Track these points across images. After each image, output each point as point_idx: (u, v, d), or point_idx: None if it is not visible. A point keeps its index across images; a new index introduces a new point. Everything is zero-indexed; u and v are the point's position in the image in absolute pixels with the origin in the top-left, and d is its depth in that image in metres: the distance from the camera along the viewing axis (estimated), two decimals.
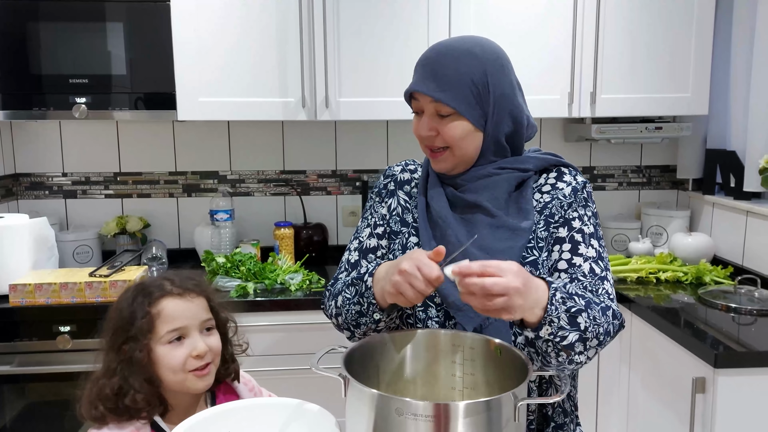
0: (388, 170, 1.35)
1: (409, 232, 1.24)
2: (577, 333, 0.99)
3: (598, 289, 1.12)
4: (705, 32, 2.33)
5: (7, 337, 1.99)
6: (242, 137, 2.64)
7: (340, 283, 1.22)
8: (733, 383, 1.63)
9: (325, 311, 1.26)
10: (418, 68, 1.17)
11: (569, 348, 0.99)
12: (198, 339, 1.09)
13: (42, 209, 2.58)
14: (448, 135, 1.15)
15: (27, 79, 2.16)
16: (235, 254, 2.26)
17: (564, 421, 1.18)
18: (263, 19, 2.22)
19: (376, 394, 0.85)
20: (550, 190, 1.21)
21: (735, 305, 1.96)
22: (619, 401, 2.19)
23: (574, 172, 1.25)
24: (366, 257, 1.27)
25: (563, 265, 1.14)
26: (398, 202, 1.28)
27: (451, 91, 1.13)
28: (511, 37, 2.29)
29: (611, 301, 1.12)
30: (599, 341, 1.04)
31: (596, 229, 1.19)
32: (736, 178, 2.37)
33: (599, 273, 1.14)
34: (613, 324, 1.08)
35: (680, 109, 2.38)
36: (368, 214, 1.32)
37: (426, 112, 1.16)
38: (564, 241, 1.16)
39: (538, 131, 2.71)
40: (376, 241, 1.27)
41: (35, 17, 2.14)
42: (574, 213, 1.18)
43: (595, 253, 1.15)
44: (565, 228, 1.17)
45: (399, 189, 1.30)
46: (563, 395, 0.87)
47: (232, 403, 1.03)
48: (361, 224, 1.32)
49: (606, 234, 2.67)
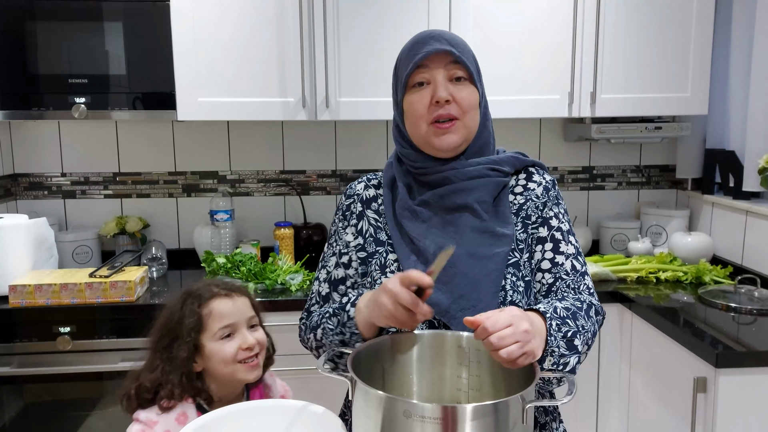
0: (350, 189, 1.29)
1: (386, 250, 1.20)
2: (576, 356, 1.02)
3: (580, 285, 1.16)
4: (704, 32, 2.34)
5: (7, 339, 1.99)
6: (242, 137, 2.64)
7: (316, 316, 1.19)
8: (735, 383, 1.64)
9: (303, 344, 1.24)
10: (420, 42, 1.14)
11: (571, 372, 1.01)
12: (246, 334, 1.18)
13: (41, 209, 2.57)
14: (465, 101, 1.13)
15: (26, 79, 2.15)
16: (236, 254, 2.26)
17: (546, 420, 1.18)
18: (263, 19, 2.22)
19: (384, 396, 0.85)
20: (523, 191, 1.21)
21: (735, 305, 1.97)
22: (620, 401, 2.20)
23: (542, 171, 1.25)
24: (337, 289, 1.23)
25: (546, 264, 1.16)
26: (369, 223, 1.23)
27: (465, 55, 1.14)
28: (511, 37, 2.29)
29: (591, 295, 1.16)
30: (589, 346, 1.08)
31: (570, 225, 1.22)
32: (736, 177, 2.38)
33: (580, 269, 1.17)
34: (597, 321, 1.13)
35: (680, 108, 2.38)
36: (333, 240, 1.27)
37: (438, 78, 1.12)
38: (546, 241, 1.18)
39: (538, 130, 2.72)
40: (344, 271, 1.23)
41: (35, 17, 2.13)
42: (550, 212, 1.20)
43: (573, 250, 1.18)
44: (545, 227, 1.19)
45: (367, 208, 1.25)
46: (572, 398, 0.87)
47: (238, 405, 1.03)
48: (327, 251, 1.27)
49: (605, 233, 2.67)
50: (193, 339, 1.15)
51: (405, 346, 1.04)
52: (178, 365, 1.14)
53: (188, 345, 1.15)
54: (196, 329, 1.16)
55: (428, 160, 1.18)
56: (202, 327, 1.16)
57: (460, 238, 1.13)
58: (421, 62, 1.13)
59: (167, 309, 1.21)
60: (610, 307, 2.17)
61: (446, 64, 1.13)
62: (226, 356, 1.15)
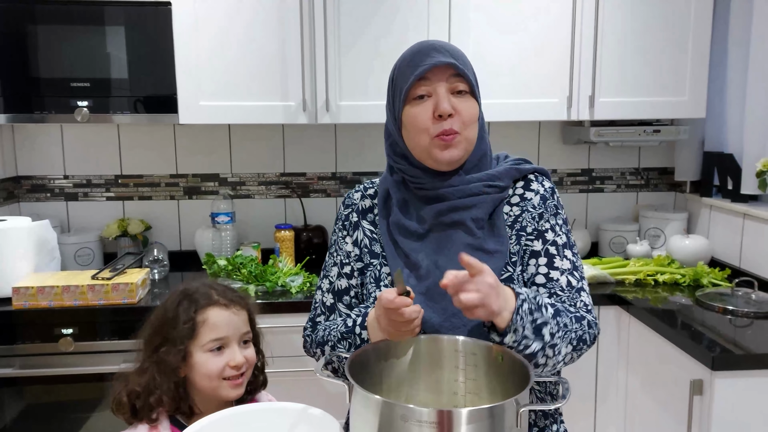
0: (348, 198, 1.29)
1: (380, 263, 1.20)
2: (540, 343, 1.01)
3: (576, 302, 1.13)
4: (702, 36, 2.35)
5: (10, 340, 2.01)
6: (243, 140, 2.65)
7: (322, 331, 1.20)
8: (731, 385, 1.65)
9: (309, 356, 1.24)
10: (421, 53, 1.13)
11: (531, 357, 1.01)
12: (237, 351, 1.13)
13: (43, 212, 2.59)
14: (467, 114, 1.12)
15: (28, 83, 2.17)
16: (236, 257, 2.28)
17: (545, 424, 1.19)
18: (264, 23, 2.23)
19: (381, 400, 0.86)
20: (519, 201, 1.19)
21: (732, 307, 1.98)
22: (617, 403, 2.21)
23: (541, 178, 1.22)
24: (341, 300, 1.24)
25: (541, 279, 1.15)
26: (364, 234, 1.24)
27: (466, 68, 1.13)
28: (511, 41, 2.31)
29: (588, 312, 1.14)
30: (573, 346, 1.07)
31: (568, 237, 1.19)
32: (734, 180, 2.39)
33: (576, 285, 1.15)
34: (589, 333, 1.10)
35: (678, 112, 2.39)
36: (334, 249, 1.27)
37: (440, 91, 1.11)
38: (539, 255, 1.15)
39: (537, 133, 2.73)
40: (346, 282, 1.23)
41: (37, 20, 2.14)
42: (547, 224, 1.17)
43: (569, 265, 1.16)
44: (540, 241, 1.16)
45: (362, 219, 1.25)
46: (566, 401, 0.88)
47: (237, 408, 1.05)
48: (328, 261, 1.27)
49: (604, 236, 2.68)
50: (185, 346, 1.11)
51: (402, 350, 1.06)
52: (168, 372, 1.10)
53: (180, 352, 1.11)
54: (188, 336, 1.12)
55: (426, 175, 1.17)
56: (194, 334, 1.12)
57: (453, 254, 1.12)
58: (423, 74, 1.12)
59: (162, 306, 1.17)
60: (608, 310, 2.19)
61: (448, 77, 1.12)
62: (211, 371, 1.11)
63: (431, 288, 1.11)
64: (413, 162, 1.18)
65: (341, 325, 1.16)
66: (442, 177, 1.16)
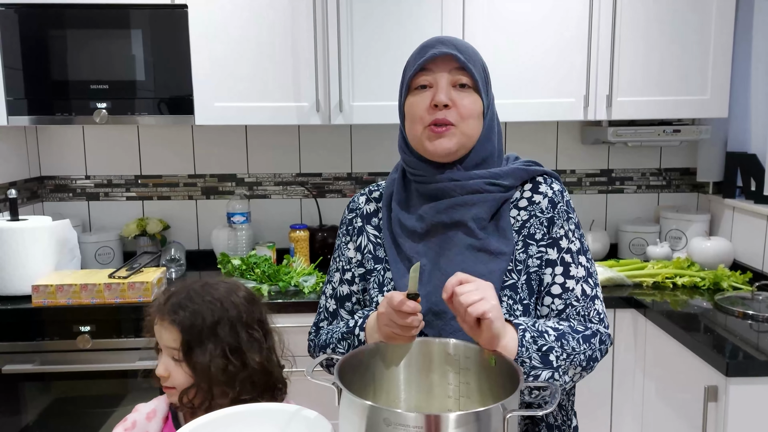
0: (352, 203, 1.29)
1: (384, 267, 1.20)
2: (549, 371, 1.01)
3: (590, 311, 1.12)
4: (725, 32, 2.29)
5: (30, 337, 2.06)
6: (259, 140, 2.68)
7: (324, 335, 1.21)
8: (745, 392, 1.60)
9: (312, 357, 1.24)
10: (428, 46, 1.13)
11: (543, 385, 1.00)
12: (161, 362, 1.16)
13: (65, 211, 2.65)
14: (465, 108, 1.11)
15: (51, 85, 2.22)
16: (251, 256, 2.30)
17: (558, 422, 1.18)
18: (277, 24, 2.25)
19: (367, 404, 0.86)
20: (527, 205, 1.17)
21: (752, 312, 1.92)
22: (633, 408, 2.17)
23: (549, 180, 1.19)
24: (343, 306, 1.25)
25: (557, 289, 1.13)
26: (368, 239, 1.23)
27: (472, 63, 1.12)
28: (526, 40, 2.28)
29: (601, 321, 1.12)
30: (583, 367, 1.06)
31: (581, 242, 1.17)
32: (757, 181, 2.33)
33: (590, 293, 1.13)
34: (600, 350, 1.09)
35: (699, 111, 2.34)
36: (337, 254, 1.27)
37: (440, 82, 1.11)
38: (555, 264, 1.14)
39: (555, 133, 2.69)
40: (348, 288, 1.24)
41: (60, 25, 2.20)
42: (560, 231, 1.15)
43: (584, 272, 1.14)
44: (554, 249, 1.14)
45: (367, 224, 1.25)
46: (552, 407, 0.87)
47: (230, 409, 1.05)
48: (332, 266, 1.28)
49: (624, 237, 2.64)
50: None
51: (394, 353, 1.05)
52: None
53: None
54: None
55: (427, 167, 1.16)
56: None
57: (455, 256, 1.12)
58: (425, 65, 1.12)
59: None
60: (624, 313, 2.15)
61: (451, 69, 1.11)
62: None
63: (432, 292, 1.11)
64: (414, 152, 1.19)
65: (343, 326, 1.17)
66: (440, 169, 1.15)
